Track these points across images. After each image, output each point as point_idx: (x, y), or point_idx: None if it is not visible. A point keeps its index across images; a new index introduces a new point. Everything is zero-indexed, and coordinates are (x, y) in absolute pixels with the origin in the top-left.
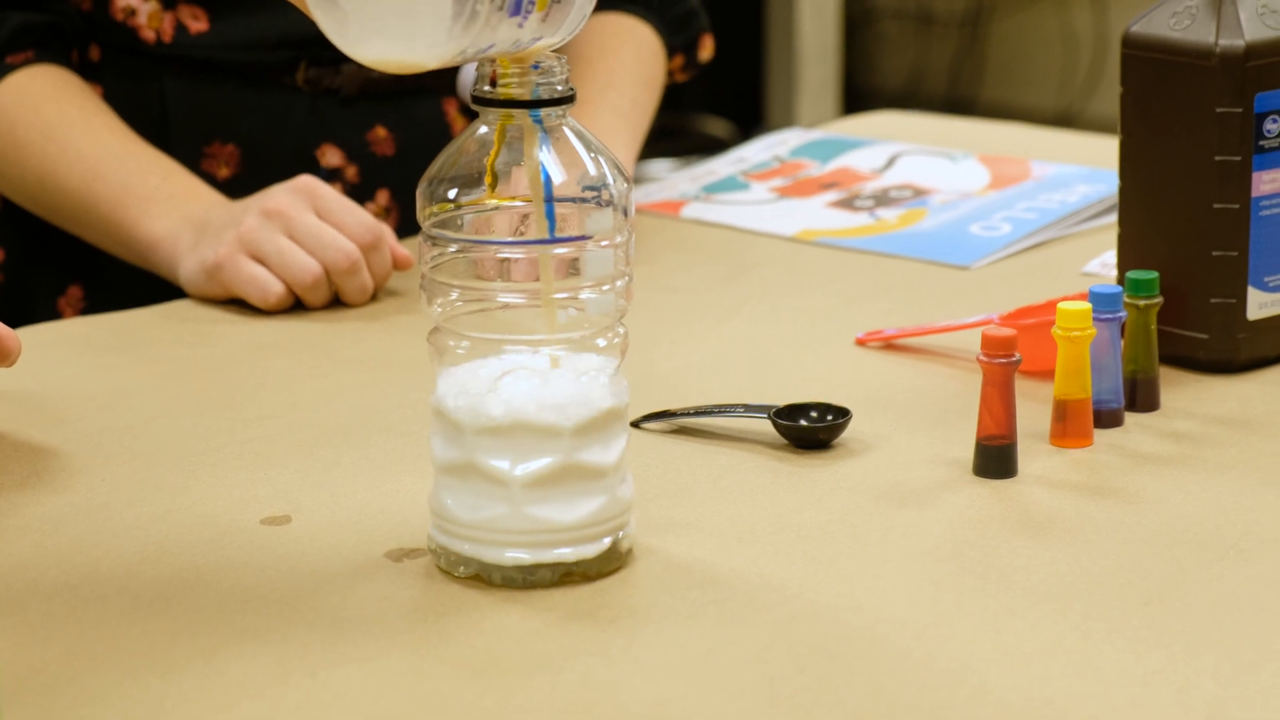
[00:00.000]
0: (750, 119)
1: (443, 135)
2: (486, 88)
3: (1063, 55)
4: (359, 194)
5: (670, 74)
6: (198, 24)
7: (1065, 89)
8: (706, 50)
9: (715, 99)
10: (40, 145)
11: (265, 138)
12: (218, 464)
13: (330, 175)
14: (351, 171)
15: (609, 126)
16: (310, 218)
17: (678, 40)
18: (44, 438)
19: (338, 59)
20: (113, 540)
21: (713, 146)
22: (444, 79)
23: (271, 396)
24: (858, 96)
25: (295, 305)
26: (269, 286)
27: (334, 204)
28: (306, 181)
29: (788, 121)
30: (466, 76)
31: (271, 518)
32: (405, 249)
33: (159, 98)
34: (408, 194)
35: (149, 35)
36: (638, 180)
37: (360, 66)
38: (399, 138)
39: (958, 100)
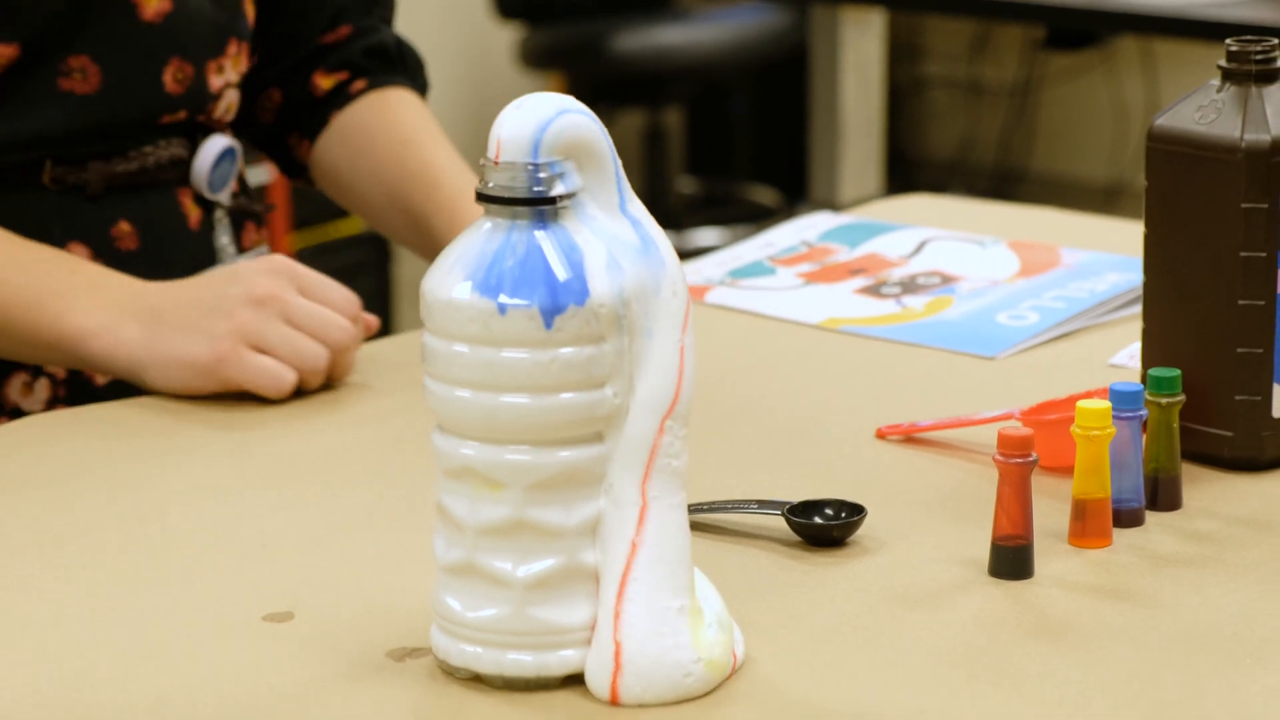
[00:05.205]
0: (796, 187)
1: (180, 226)
2: (491, 185)
3: (1113, 125)
4: None
5: None
6: None
7: (1116, 159)
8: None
9: (762, 167)
10: None
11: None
12: (222, 557)
13: None
14: None
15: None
16: (302, 301)
17: (423, 91)
18: (49, 528)
19: (84, 157)
20: (112, 637)
21: (759, 214)
22: (179, 169)
23: (279, 487)
24: (906, 165)
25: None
26: (283, 376)
27: (314, 282)
28: (281, 262)
29: (832, 191)
30: (201, 166)
31: (274, 614)
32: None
33: None
34: None
35: None
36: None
37: (106, 162)
38: (140, 232)
39: (1007, 170)
